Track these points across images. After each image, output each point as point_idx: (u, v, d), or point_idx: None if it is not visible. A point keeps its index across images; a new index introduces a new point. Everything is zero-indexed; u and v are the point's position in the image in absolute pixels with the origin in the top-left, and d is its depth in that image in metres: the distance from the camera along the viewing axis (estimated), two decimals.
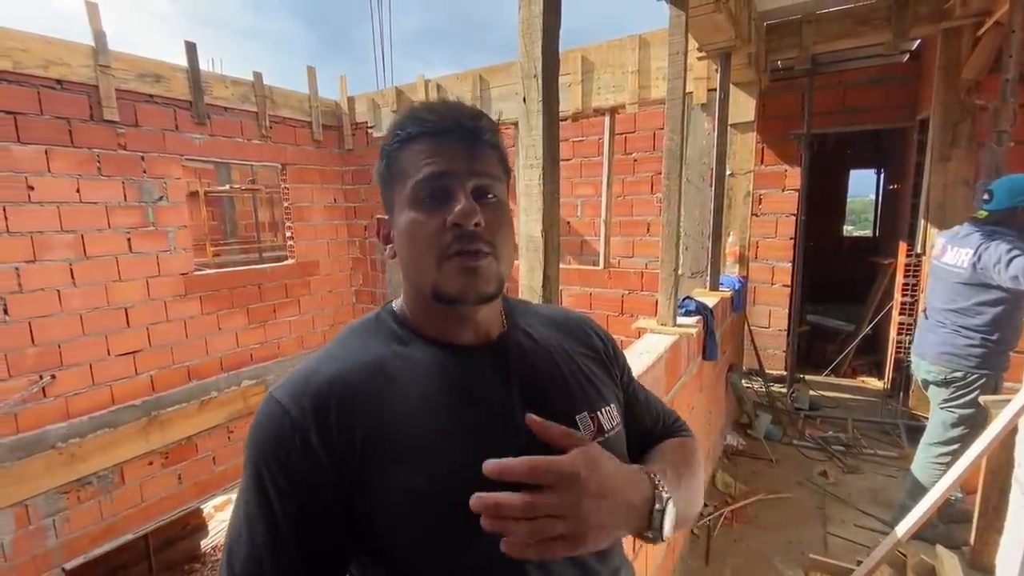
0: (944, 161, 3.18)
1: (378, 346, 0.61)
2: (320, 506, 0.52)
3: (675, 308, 2.33)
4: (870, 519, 2.61)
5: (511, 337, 0.65)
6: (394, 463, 0.53)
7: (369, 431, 0.53)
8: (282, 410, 0.54)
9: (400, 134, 0.59)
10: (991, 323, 2.12)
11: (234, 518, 0.54)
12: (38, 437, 3.64)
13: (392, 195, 0.61)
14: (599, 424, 0.63)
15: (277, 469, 0.52)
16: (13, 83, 3.52)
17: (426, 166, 0.57)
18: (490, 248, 0.57)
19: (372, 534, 0.53)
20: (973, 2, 2.85)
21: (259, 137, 5.15)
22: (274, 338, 5.33)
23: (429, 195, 0.57)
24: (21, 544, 3.53)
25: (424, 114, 0.59)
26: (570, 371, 0.66)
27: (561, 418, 0.58)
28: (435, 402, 0.57)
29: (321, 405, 0.53)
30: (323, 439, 0.52)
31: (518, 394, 0.60)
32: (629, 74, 4.17)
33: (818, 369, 4.68)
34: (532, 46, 1.20)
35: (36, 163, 3.63)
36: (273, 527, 0.52)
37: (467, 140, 0.58)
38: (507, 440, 0.56)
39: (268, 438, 0.53)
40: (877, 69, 4.00)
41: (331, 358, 0.59)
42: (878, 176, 7.02)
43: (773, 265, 4.37)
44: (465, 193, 0.57)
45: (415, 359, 0.59)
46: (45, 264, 3.69)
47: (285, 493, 0.51)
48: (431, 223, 0.56)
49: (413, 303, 0.63)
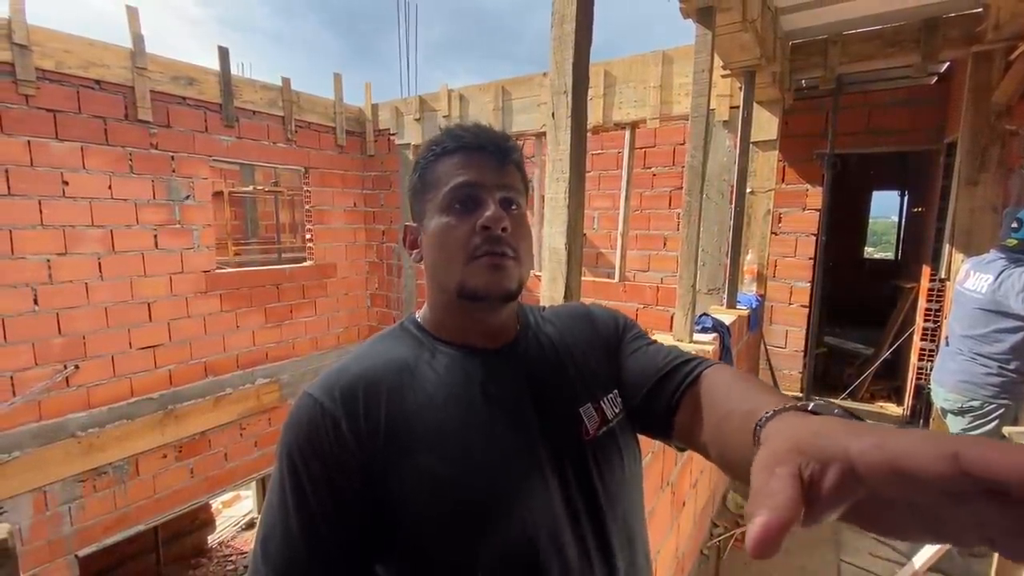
0: (971, 186, 3.13)
1: (403, 349, 0.65)
2: (352, 491, 0.55)
3: (692, 324, 2.32)
4: (886, 548, 2.55)
5: (522, 340, 0.69)
6: (416, 448, 0.56)
7: (392, 416, 0.57)
8: (314, 402, 0.57)
9: (436, 148, 0.65)
10: (1009, 351, 2.08)
11: (268, 508, 0.56)
12: (59, 425, 3.73)
13: (424, 203, 0.66)
14: (603, 414, 0.67)
15: (312, 456, 0.55)
16: (55, 82, 3.66)
17: (459, 175, 0.62)
18: (513, 252, 0.62)
19: (395, 520, 0.55)
20: (1006, 26, 2.81)
21: (284, 141, 5.26)
22: (289, 338, 5.40)
23: (460, 201, 0.62)
24: (38, 529, 3.61)
25: (460, 132, 0.65)
26: (574, 366, 0.70)
27: (566, 412, 0.65)
28: (454, 397, 0.61)
29: (349, 395, 0.57)
30: (352, 425, 0.56)
31: (528, 392, 0.64)
32: (651, 89, 4.19)
33: (835, 392, 4.60)
34: (564, 63, 1.22)
35: (72, 159, 3.76)
36: (307, 515, 0.54)
37: (497, 157, 0.64)
38: (517, 434, 0.61)
39: (302, 428, 0.56)
40: (904, 91, 3.95)
41: (360, 358, 0.64)
42: (902, 198, 6.90)
43: (791, 285, 4.31)
44: (494, 201, 0.62)
45: (436, 360, 0.64)
46: (75, 257, 3.80)
47: (319, 480, 0.54)
48: (461, 226, 0.61)
49: (436, 308, 0.68)
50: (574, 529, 0.60)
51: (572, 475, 0.62)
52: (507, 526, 0.56)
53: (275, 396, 5.14)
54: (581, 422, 0.65)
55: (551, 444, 0.62)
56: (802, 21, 3.24)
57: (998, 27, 2.83)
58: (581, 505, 0.61)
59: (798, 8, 3.04)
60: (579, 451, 0.63)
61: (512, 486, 0.57)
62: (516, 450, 0.60)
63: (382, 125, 6.05)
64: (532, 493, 0.58)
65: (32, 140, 3.57)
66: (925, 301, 3.85)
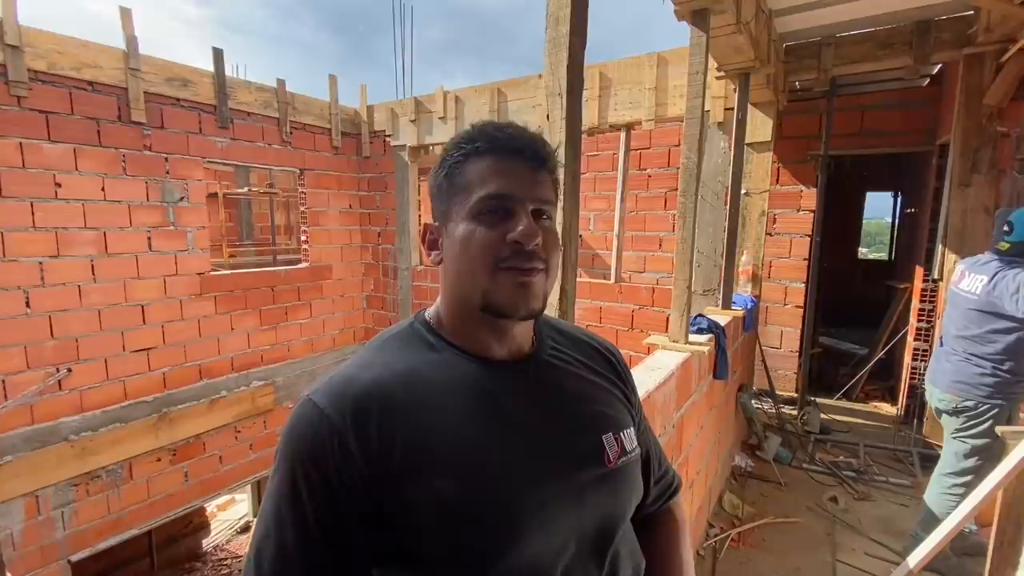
0: (964, 187, 3.16)
1: (412, 355, 0.62)
2: (352, 508, 0.53)
3: (687, 325, 2.33)
4: (881, 548, 2.56)
5: (541, 355, 0.67)
6: (432, 469, 0.54)
7: (409, 438, 0.54)
8: (321, 414, 0.54)
9: (466, 147, 0.61)
10: (1003, 352, 2.09)
11: (263, 518, 0.55)
12: (52, 429, 3.70)
13: (449, 205, 0.62)
14: (622, 445, 0.65)
15: (312, 470, 0.53)
16: (47, 83, 3.64)
17: (493, 182, 0.59)
18: (543, 265, 0.60)
19: (402, 541, 0.54)
20: (996, 29, 2.84)
21: (280, 142, 5.24)
22: (285, 340, 5.37)
23: (492, 210, 0.58)
24: (30, 534, 3.57)
25: (495, 132, 0.61)
26: (595, 392, 0.68)
27: (590, 438, 0.63)
28: (470, 413, 0.58)
29: (362, 410, 0.54)
30: (362, 444, 0.53)
31: (551, 414, 0.62)
32: (646, 91, 4.20)
33: (830, 392, 4.62)
34: (558, 65, 1.23)
35: (64, 161, 3.73)
36: (303, 528, 0.52)
37: (532, 164, 0.61)
38: (533, 455, 0.58)
39: (304, 440, 0.54)
40: (897, 93, 3.99)
41: (367, 365, 0.60)
42: (895, 199, 6.95)
43: (786, 285, 4.33)
44: (526, 213, 0.59)
45: (450, 370, 0.61)
46: (67, 260, 3.77)
47: (318, 495, 0.52)
48: (491, 235, 0.58)
49: (451, 312, 0.64)
50: (584, 557, 0.60)
51: (589, 503, 0.60)
52: (518, 554, 0.54)
53: (270, 399, 5.11)
54: (604, 450, 0.63)
55: (573, 471, 0.60)
56: (796, 23, 3.26)
57: (989, 29, 2.85)
58: (593, 533, 0.61)
59: (792, 10, 3.06)
60: (599, 479, 0.61)
61: (528, 515, 0.55)
62: (535, 477, 0.57)
63: (378, 127, 6.04)
64: (546, 522, 0.56)
65: (24, 142, 3.54)
66: (918, 301, 3.88)
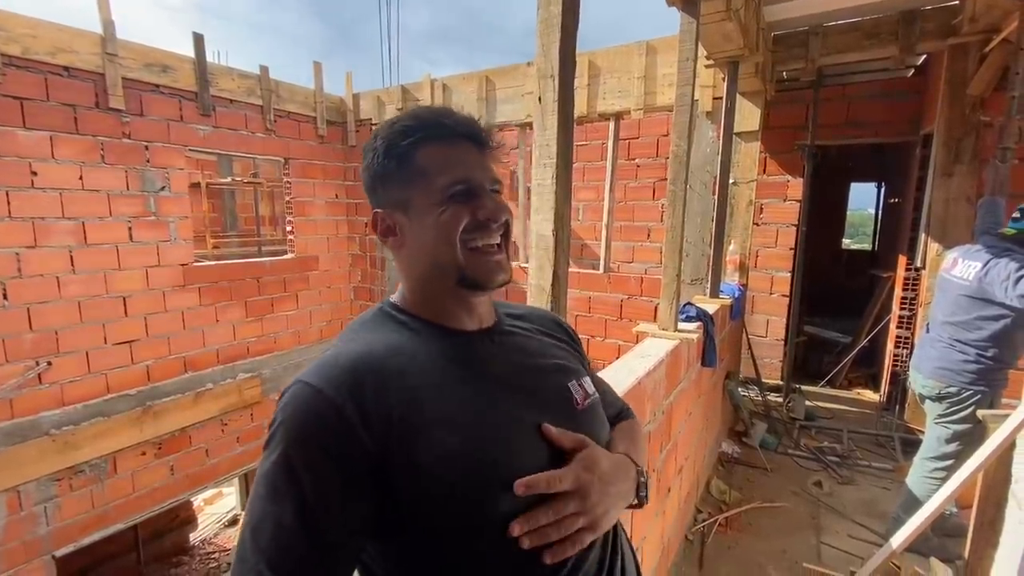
0: (947, 176, 3.20)
1: (389, 333, 0.66)
2: (352, 477, 0.54)
3: (676, 313, 2.34)
4: (864, 530, 2.62)
5: (502, 325, 0.74)
6: (428, 425, 0.57)
7: (402, 400, 0.58)
8: (314, 391, 0.56)
9: (415, 134, 0.65)
10: (989, 339, 2.12)
11: (256, 500, 0.54)
12: (32, 423, 3.62)
13: (408, 191, 0.66)
14: (585, 389, 0.73)
15: (312, 443, 0.54)
16: (21, 68, 3.51)
17: (455, 168, 0.65)
18: (508, 238, 0.69)
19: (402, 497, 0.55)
20: (981, 19, 2.87)
21: (263, 131, 5.14)
22: (271, 332, 5.31)
23: (459, 194, 0.64)
24: (12, 530, 3.51)
25: (440, 118, 0.66)
26: (553, 350, 0.77)
27: (558, 386, 0.72)
28: (453, 376, 0.63)
29: (356, 383, 0.57)
30: (359, 410, 0.55)
31: (519, 369, 0.70)
32: (635, 80, 4.19)
33: (814, 380, 4.69)
34: (550, 46, 1.21)
35: (40, 149, 3.62)
36: (301, 501, 0.52)
37: (481, 147, 0.68)
38: (520, 407, 0.65)
39: (299, 417, 0.55)
40: (882, 83, 4.02)
41: (352, 344, 0.63)
42: (879, 189, 7.05)
43: (772, 275, 4.38)
44: (486, 194, 0.66)
45: (427, 343, 0.65)
46: (45, 250, 3.67)
47: (316, 467, 0.53)
48: (461, 215, 0.64)
49: (421, 292, 0.69)
50: None
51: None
52: (514, 497, 0.57)
53: (257, 391, 5.05)
54: (571, 395, 0.71)
55: (551, 415, 0.66)
56: (784, 12, 3.26)
57: (974, 20, 2.88)
58: None
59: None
60: (574, 420, 0.68)
61: (520, 452, 0.61)
62: (521, 420, 0.63)
63: (364, 115, 5.96)
64: (538, 458, 0.62)
65: None
66: (901, 290, 3.94)
